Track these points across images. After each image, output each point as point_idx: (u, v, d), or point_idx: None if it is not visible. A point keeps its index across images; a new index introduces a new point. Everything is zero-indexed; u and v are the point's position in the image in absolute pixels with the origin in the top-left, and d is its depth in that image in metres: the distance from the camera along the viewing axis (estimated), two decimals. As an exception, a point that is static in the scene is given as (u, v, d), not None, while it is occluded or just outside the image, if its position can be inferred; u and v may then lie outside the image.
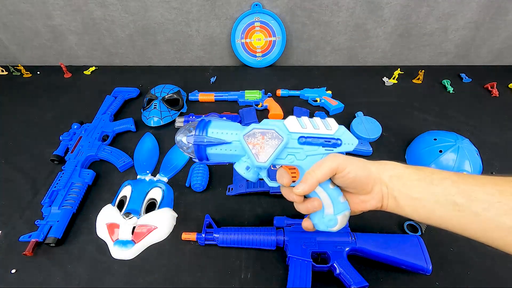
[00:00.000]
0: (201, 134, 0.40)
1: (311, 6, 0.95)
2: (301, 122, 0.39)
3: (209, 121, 0.41)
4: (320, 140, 0.39)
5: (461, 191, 0.33)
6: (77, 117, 0.87)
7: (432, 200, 0.34)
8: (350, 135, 0.39)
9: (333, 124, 0.39)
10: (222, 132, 0.40)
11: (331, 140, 0.39)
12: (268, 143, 0.38)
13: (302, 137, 0.39)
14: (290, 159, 0.39)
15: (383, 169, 0.38)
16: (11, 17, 0.99)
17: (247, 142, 0.39)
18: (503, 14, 0.95)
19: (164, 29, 1.02)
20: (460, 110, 0.91)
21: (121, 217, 0.60)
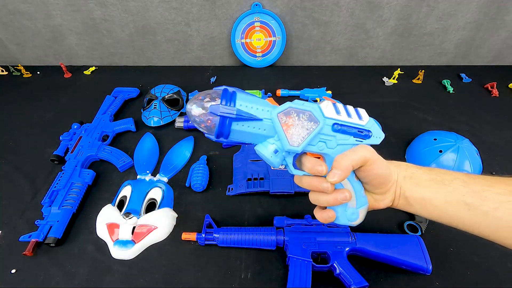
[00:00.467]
0: (229, 105, 0.33)
1: (311, 6, 0.95)
2: (336, 108, 0.36)
3: (234, 92, 0.35)
4: (353, 130, 0.37)
5: (471, 191, 0.33)
6: (77, 117, 0.87)
7: (443, 199, 0.35)
8: (379, 128, 0.38)
9: (364, 114, 0.38)
10: (252, 107, 0.34)
11: (363, 131, 0.37)
12: (303, 125, 0.35)
13: (336, 124, 0.36)
14: (321, 146, 0.36)
15: (399, 170, 0.39)
16: (11, 17, 0.99)
17: (280, 121, 0.34)
18: (503, 14, 0.95)
19: (164, 29, 1.02)
20: (460, 110, 0.91)
21: (121, 217, 0.60)
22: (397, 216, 0.63)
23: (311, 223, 0.58)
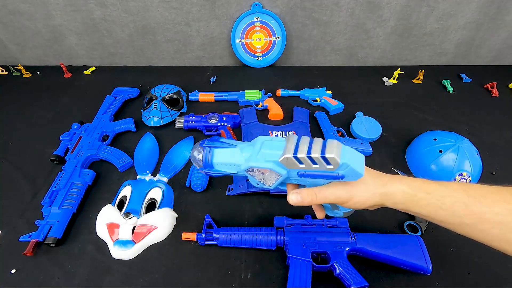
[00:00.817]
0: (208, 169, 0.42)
1: (311, 6, 0.95)
2: (298, 160, 0.36)
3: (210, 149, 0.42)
4: (320, 175, 0.37)
5: (471, 213, 0.34)
6: (77, 117, 0.87)
7: (439, 219, 0.37)
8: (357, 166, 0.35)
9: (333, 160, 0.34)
10: (225, 164, 0.41)
11: (331, 176, 0.36)
12: (269, 176, 0.39)
13: (300, 173, 0.38)
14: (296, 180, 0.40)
15: (388, 198, 0.39)
16: (11, 17, 0.99)
17: (249, 175, 0.40)
18: (503, 14, 0.95)
19: (164, 29, 1.02)
20: (460, 110, 0.91)
21: (121, 217, 0.60)
22: (397, 216, 0.63)
23: (311, 223, 0.58)
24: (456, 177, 0.66)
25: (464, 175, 0.65)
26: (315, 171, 0.36)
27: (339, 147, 0.35)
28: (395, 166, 0.74)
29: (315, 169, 0.36)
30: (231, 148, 0.41)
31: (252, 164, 0.38)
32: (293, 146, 0.36)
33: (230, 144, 0.42)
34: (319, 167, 0.36)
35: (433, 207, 0.37)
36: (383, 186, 0.39)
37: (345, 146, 0.36)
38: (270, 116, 0.89)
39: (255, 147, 0.40)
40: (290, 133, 0.40)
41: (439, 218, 0.37)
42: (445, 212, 0.36)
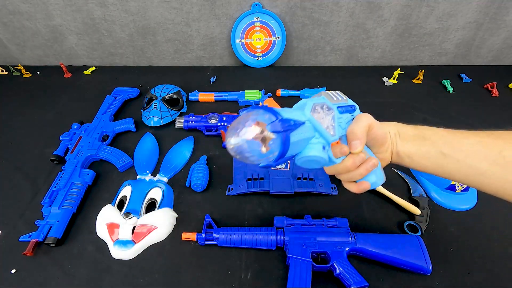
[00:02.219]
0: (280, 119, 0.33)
1: (311, 6, 0.95)
2: (332, 95, 0.43)
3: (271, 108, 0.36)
4: (348, 108, 0.43)
5: (447, 142, 0.39)
6: (77, 117, 0.87)
7: (425, 151, 0.41)
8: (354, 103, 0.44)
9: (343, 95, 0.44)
10: (292, 114, 0.35)
11: (351, 106, 0.43)
12: (327, 116, 0.39)
13: (340, 107, 0.42)
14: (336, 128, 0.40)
15: (389, 127, 0.44)
16: (11, 17, 0.99)
17: (314, 117, 0.37)
18: (503, 14, 0.95)
19: (164, 29, 1.02)
20: (460, 110, 0.91)
21: (121, 217, 0.60)
22: (397, 216, 0.63)
23: (311, 223, 0.58)
24: (456, 177, 0.65)
25: (464, 175, 0.65)
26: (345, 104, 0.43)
27: None
28: (395, 166, 0.74)
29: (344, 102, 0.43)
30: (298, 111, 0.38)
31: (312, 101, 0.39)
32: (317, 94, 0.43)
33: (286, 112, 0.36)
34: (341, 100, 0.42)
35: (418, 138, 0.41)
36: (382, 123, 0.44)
37: None
38: (270, 116, 0.89)
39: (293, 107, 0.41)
40: None
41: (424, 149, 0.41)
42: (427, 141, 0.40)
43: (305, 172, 0.69)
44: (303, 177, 0.68)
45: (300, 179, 0.68)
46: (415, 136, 0.42)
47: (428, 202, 0.65)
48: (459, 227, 0.61)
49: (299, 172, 0.70)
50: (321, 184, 0.67)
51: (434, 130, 0.42)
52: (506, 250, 0.58)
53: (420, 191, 0.67)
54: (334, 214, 0.61)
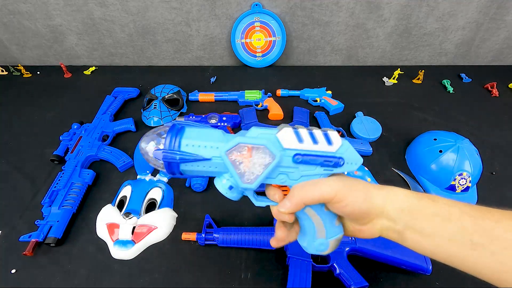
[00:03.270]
0: (173, 147, 0.32)
1: (311, 6, 0.95)
2: (298, 136, 0.32)
3: (182, 128, 0.33)
4: (320, 159, 0.32)
5: (480, 228, 0.29)
6: (77, 117, 0.87)
7: (446, 237, 0.30)
8: (355, 153, 0.33)
9: (336, 139, 0.32)
10: (199, 145, 0.32)
11: (332, 159, 0.32)
12: (257, 161, 0.32)
13: (298, 154, 0.32)
14: (282, 178, 0.33)
15: (390, 200, 0.33)
16: (11, 17, 0.99)
17: (230, 159, 0.32)
18: (503, 14, 0.95)
19: (164, 29, 1.02)
20: (460, 110, 0.91)
21: (121, 217, 0.60)
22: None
23: (311, 223, 0.58)
24: (456, 177, 0.66)
25: (464, 175, 0.65)
26: (315, 152, 0.32)
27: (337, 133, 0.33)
28: (395, 166, 0.74)
29: (315, 149, 0.32)
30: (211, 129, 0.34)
31: (241, 140, 0.31)
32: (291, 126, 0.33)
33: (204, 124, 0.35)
34: (319, 147, 0.32)
35: (440, 218, 0.30)
36: (381, 188, 0.33)
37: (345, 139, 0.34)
38: (270, 116, 0.89)
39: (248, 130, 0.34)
40: None
41: (446, 235, 0.30)
42: (454, 225, 0.30)
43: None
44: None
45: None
46: (435, 214, 0.31)
47: (428, 202, 0.65)
48: (459, 227, 0.61)
49: (299, 172, 0.69)
50: (321, 184, 0.67)
51: (460, 208, 0.31)
52: (506, 250, 0.58)
53: (420, 191, 0.67)
54: (334, 214, 0.61)
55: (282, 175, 0.33)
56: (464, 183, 0.66)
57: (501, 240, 0.28)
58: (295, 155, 0.32)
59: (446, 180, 0.66)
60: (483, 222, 0.29)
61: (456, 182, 0.66)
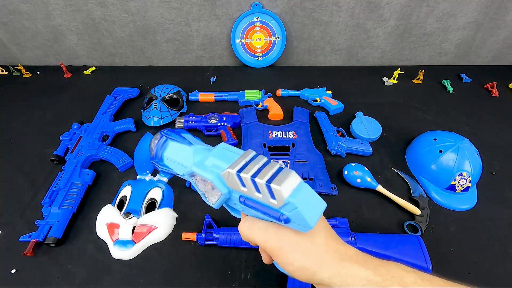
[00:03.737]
0: (158, 159, 0.38)
1: (311, 6, 0.95)
2: (241, 180, 0.30)
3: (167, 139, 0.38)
4: (262, 209, 0.29)
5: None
6: (77, 117, 0.87)
7: None
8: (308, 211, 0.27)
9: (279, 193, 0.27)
10: (175, 161, 0.37)
11: (272, 213, 0.29)
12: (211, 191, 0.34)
13: (241, 196, 0.31)
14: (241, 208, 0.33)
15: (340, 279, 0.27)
16: (11, 17, 0.99)
17: (192, 181, 0.35)
18: (503, 14, 0.95)
19: (164, 29, 1.02)
20: (460, 110, 0.91)
21: (121, 217, 0.60)
22: (397, 216, 0.63)
23: (311, 223, 0.58)
24: (456, 177, 0.66)
25: (464, 175, 0.65)
26: (257, 201, 0.30)
27: (294, 182, 0.28)
28: (395, 166, 0.74)
29: (257, 198, 0.29)
30: (186, 145, 0.37)
31: (195, 170, 0.33)
32: (244, 163, 0.30)
33: (187, 141, 0.37)
34: (262, 198, 0.29)
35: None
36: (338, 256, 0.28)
37: (305, 185, 0.29)
38: (270, 116, 0.89)
39: (210, 153, 0.34)
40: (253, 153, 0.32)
41: None
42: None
43: (305, 172, 0.69)
44: (303, 177, 0.68)
45: (300, 179, 0.68)
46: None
47: (428, 202, 0.65)
48: (459, 227, 0.61)
49: (299, 172, 0.70)
50: (321, 184, 0.67)
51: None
52: (506, 250, 0.58)
53: (420, 191, 0.68)
54: (334, 214, 0.61)
55: (237, 205, 0.33)
56: (464, 183, 0.66)
57: None
58: (240, 197, 0.31)
59: (446, 180, 0.66)
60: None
61: (456, 182, 0.66)
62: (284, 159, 0.73)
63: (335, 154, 0.76)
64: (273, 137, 0.79)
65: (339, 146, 0.77)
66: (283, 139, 0.78)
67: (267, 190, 0.28)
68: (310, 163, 0.72)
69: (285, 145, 0.76)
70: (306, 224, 0.27)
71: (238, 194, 0.31)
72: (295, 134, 0.79)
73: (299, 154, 0.74)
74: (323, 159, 0.74)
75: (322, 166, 0.73)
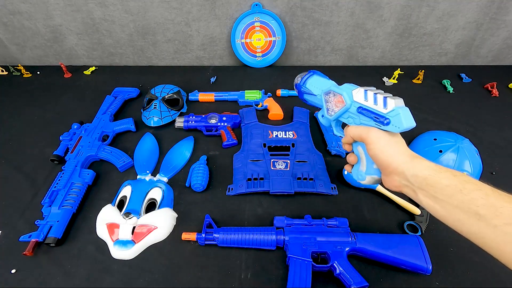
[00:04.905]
0: (302, 83, 0.54)
1: (311, 6, 0.95)
2: (365, 95, 0.44)
3: (312, 74, 0.54)
4: (372, 115, 0.43)
5: (488, 204, 0.32)
6: (77, 117, 0.87)
7: (455, 204, 0.34)
8: (405, 119, 0.40)
9: (391, 104, 0.41)
10: (314, 86, 0.53)
11: (380, 117, 0.42)
12: (337, 103, 0.47)
13: (360, 107, 0.44)
14: (349, 120, 0.47)
15: (410, 166, 0.39)
16: (11, 17, 0.99)
17: (324, 97, 0.50)
18: (503, 14, 0.95)
19: (164, 29, 1.02)
20: (460, 110, 0.91)
21: (121, 217, 0.60)
22: (397, 216, 0.63)
23: (311, 223, 0.58)
24: (456, 177, 0.65)
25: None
26: (372, 109, 0.43)
27: (400, 102, 0.42)
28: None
29: (372, 107, 0.43)
30: (325, 78, 0.53)
31: (333, 88, 0.48)
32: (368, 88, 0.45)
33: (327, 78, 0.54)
34: (377, 107, 0.42)
35: (452, 189, 0.35)
36: (411, 154, 0.41)
37: (406, 108, 0.42)
38: (270, 116, 0.89)
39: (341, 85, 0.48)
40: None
41: (454, 203, 0.34)
42: (463, 197, 0.33)
43: (305, 172, 0.69)
44: (303, 177, 0.68)
45: (300, 179, 0.68)
46: (449, 186, 0.35)
47: (428, 202, 0.65)
48: (459, 227, 0.61)
49: (299, 172, 0.70)
50: (321, 184, 0.67)
51: (477, 185, 0.34)
52: (506, 250, 0.58)
53: (420, 191, 0.67)
54: (334, 214, 0.61)
55: (350, 118, 0.47)
56: (464, 183, 0.66)
57: (505, 217, 0.31)
58: (359, 107, 0.45)
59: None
60: (494, 200, 0.32)
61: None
62: (284, 159, 0.73)
63: (335, 154, 0.76)
64: (273, 137, 0.79)
65: (339, 146, 0.77)
66: (283, 139, 0.78)
67: (382, 101, 0.42)
68: (310, 163, 0.72)
69: (285, 145, 0.76)
70: (401, 126, 0.40)
71: (356, 106, 0.45)
72: (295, 134, 0.79)
73: (299, 154, 0.74)
74: (323, 159, 0.74)
75: (322, 166, 0.73)
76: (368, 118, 0.43)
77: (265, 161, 0.72)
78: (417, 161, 0.39)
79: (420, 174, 0.38)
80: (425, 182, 0.37)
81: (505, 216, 0.31)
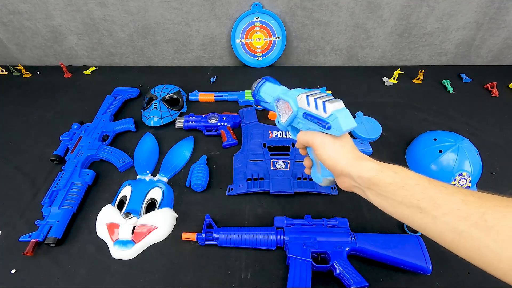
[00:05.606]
0: (256, 92, 0.56)
1: (311, 6, 0.95)
2: (307, 101, 0.45)
3: (265, 82, 0.56)
4: (316, 120, 0.44)
5: (427, 197, 0.35)
6: (77, 117, 0.87)
7: (399, 200, 0.37)
8: (343, 122, 0.41)
9: (329, 108, 0.42)
10: (267, 94, 0.54)
11: (322, 122, 0.43)
12: (286, 110, 0.49)
13: (305, 113, 0.46)
14: (300, 126, 0.48)
15: (354, 169, 0.41)
16: (11, 17, 0.99)
17: (275, 105, 0.51)
18: (503, 14, 0.95)
19: (164, 29, 1.02)
20: (460, 110, 0.91)
21: (121, 217, 0.60)
22: (397, 216, 0.63)
23: (311, 223, 0.58)
24: (456, 177, 0.66)
25: (464, 175, 0.65)
26: (314, 114, 0.44)
27: (339, 105, 0.43)
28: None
29: (315, 113, 0.44)
30: (276, 85, 0.55)
31: (281, 96, 0.50)
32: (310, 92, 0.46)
33: (278, 83, 0.56)
34: (318, 112, 0.44)
35: (395, 186, 0.37)
36: (356, 156, 0.42)
37: (346, 110, 0.43)
38: (270, 116, 0.89)
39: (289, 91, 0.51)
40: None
41: (398, 199, 0.37)
42: (405, 193, 0.36)
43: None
44: (303, 177, 0.68)
45: (300, 179, 0.68)
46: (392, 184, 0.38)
47: (428, 202, 0.65)
48: (459, 227, 0.61)
49: (299, 172, 0.70)
50: (321, 184, 0.67)
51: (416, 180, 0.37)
52: (506, 250, 0.58)
53: (420, 191, 0.67)
54: (334, 214, 0.61)
55: (300, 124, 0.48)
56: (464, 183, 0.66)
57: (443, 208, 0.33)
58: (304, 113, 0.46)
59: (446, 180, 0.66)
60: (432, 193, 0.35)
61: (456, 182, 0.66)
62: (284, 159, 0.73)
63: (335, 154, 0.76)
64: (273, 137, 0.79)
65: (339, 146, 0.76)
66: (283, 139, 0.78)
67: (322, 106, 0.43)
68: (310, 163, 0.72)
69: (285, 145, 0.76)
70: (340, 129, 0.41)
71: (302, 112, 0.46)
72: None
73: (299, 154, 0.74)
74: (323, 159, 0.74)
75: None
76: (314, 123, 0.45)
77: (265, 161, 0.72)
78: (361, 162, 0.41)
79: (365, 175, 0.40)
80: (370, 182, 0.39)
81: (443, 208, 0.33)
